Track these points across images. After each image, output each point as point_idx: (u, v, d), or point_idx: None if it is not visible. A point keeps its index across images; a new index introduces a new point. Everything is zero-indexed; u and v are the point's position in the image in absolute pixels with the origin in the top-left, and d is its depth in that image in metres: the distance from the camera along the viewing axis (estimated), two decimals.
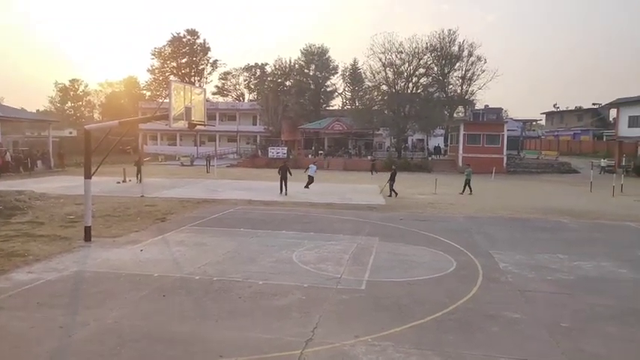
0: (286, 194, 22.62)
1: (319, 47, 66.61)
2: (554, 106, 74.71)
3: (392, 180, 23.42)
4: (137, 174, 27.67)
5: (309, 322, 6.81)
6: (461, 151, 45.21)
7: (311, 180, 25.46)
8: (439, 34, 52.44)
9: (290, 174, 23.67)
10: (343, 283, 8.82)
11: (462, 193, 24.67)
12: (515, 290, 8.63)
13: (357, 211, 18.32)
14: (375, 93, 53.11)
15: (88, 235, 11.96)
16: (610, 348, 6.22)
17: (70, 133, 59.63)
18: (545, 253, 11.49)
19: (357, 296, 8.09)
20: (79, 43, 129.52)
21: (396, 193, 23.13)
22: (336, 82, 69.18)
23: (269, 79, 74.17)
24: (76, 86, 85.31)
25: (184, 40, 77.53)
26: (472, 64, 53.83)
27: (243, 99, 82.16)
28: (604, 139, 59.76)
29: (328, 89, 69.13)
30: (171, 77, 74.81)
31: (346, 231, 13.88)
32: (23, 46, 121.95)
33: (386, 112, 51.83)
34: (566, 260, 10.89)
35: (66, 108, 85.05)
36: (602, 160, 44.64)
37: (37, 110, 78.87)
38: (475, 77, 54.59)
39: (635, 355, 6.07)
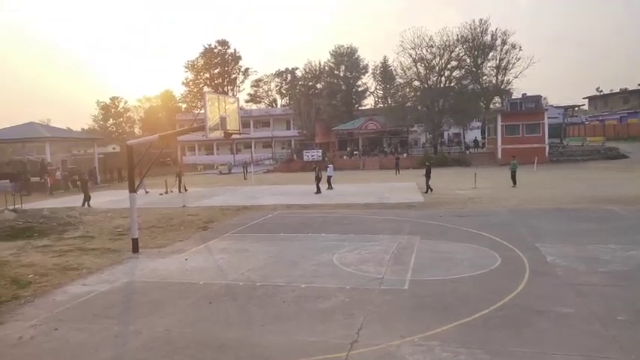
0: (319, 192, 24.29)
1: (348, 47, 66.47)
2: (597, 89, 71.69)
3: (427, 176, 23.17)
4: (179, 185, 28.44)
5: (354, 324, 6.82)
6: (500, 143, 44.03)
7: (329, 180, 26.33)
8: (470, 25, 51.44)
9: (319, 176, 25.27)
10: (386, 283, 8.78)
11: (514, 186, 23.94)
12: (566, 284, 8.34)
13: (395, 210, 18.18)
14: (407, 89, 52.49)
15: (135, 247, 12.42)
16: None
17: (114, 148, 61.96)
18: (596, 244, 11.04)
19: (401, 296, 8.04)
20: (116, 61, 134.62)
21: (431, 189, 22.87)
22: (367, 81, 68.84)
23: (300, 83, 74.72)
24: (117, 103, 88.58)
25: (215, 50, 79.13)
26: (506, 52, 52.51)
27: (276, 104, 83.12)
28: None
29: (359, 89, 68.83)
30: (205, 88, 76.60)
31: (386, 231, 13.80)
32: (63, 68, 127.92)
33: (419, 107, 51.12)
34: (618, 250, 10.43)
35: (108, 125, 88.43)
36: None
37: (82, 129, 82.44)
38: (510, 66, 53.21)
39: None
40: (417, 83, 50.93)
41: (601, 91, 71.17)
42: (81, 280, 9.90)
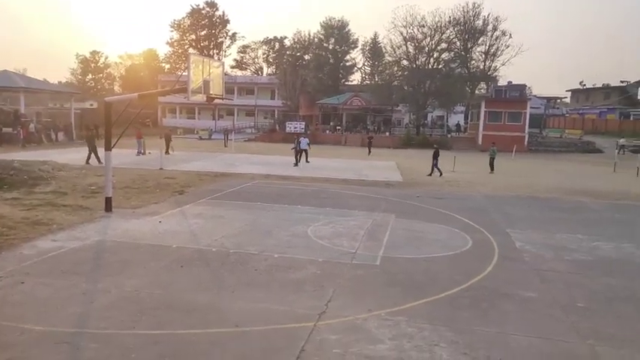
0: (297, 164, 24.61)
1: (339, 20, 65.45)
2: (581, 83, 72.66)
3: (435, 159, 22.59)
4: (166, 146, 28.13)
5: (323, 296, 6.91)
6: (481, 129, 44.49)
7: (305, 153, 26.28)
8: (463, 8, 51.20)
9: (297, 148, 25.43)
10: (358, 258, 8.88)
11: (491, 172, 24.35)
12: (532, 269, 8.58)
13: (373, 187, 18.29)
14: (395, 68, 52.29)
15: (108, 206, 12.23)
16: (626, 329, 6.18)
17: (91, 105, 60.32)
18: (564, 233, 11.36)
19: (372, 272, 8.16)
20: (99, 14, 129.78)
21: (440, 173, 22.27)
22: (356, 56, 68.31)
23: (288, 52, 73.53)
24: (97, 58, 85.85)
25: (203, 12, 76.99)
26: (496, 38, 52.64)
27: (262, 73, 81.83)
28: (631, 118, 58.01)
29: (347, 64, 68.23)
30: (190, 50, 74.71)
31: (362, 207, 13.90)
32: (43, 17, 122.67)
33: (406, 87, 51.09)
34: (585, 241, 10.75)
35: (87, 80, 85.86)
36: (621, 139, 42.87)
37: (59, 82, 79.82)
38: (499, 53, 53.45)
39: None
40: (405, 62, 50.78)
41: (584, 85, 72.17)
42: (50, 236, 9.72)
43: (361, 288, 7.37)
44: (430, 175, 22.24)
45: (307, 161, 25.81)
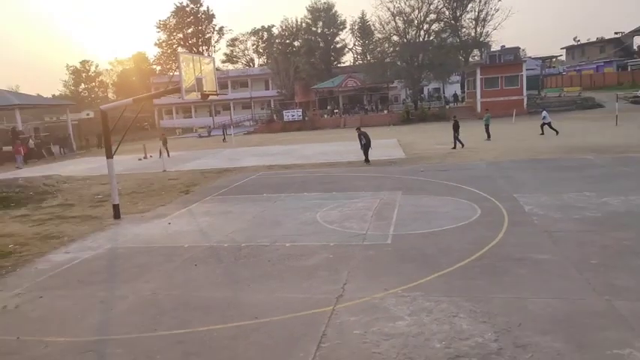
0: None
1: (325, 2, 64.68)
2: (575, 39, 71.76)
3: (456, 131, 22.21)
4: (163, 150, 27.92)
5: (339, 280, 6.95)
6: (479, 96, 44.17)
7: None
8: None
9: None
10: (369, 239, 8.91)
11: (488, 139, 24.25)
12: (542, 232, 8.58)
13: (377, 167, 18.27)
14: (386, 45, 51.69)
15: (117, 213, 12.30)
16: None
17: (88, 114, 60.31)
18: (571, 192, 11.33)
19: (384, 251, 8.19)
20: (85, 23, 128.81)
21: (462, 144, 21.88)
22: (346, 37, 67.64)
23: (277, 41, 72.79)
24: (87, 67, 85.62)
25: (188, 9, 76.20)
26: (485, 3, 51.90)
27: (254, 64, 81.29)
28: (629, 70, 57.33)
29: (338, 46, 67.49)
30: (179, 49, 74.16)
31: (368, 188, 13.90)
32: (29, 32, 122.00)
33: (399, 63, 50.58)
34: (593, 197, 10.73)
35: (80, 90, 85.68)
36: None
37: (53, 95, 79.73)
38: (489, 17, 52.77)
39: None
40: (395, 38, 50.20)
41: (578, 40, 71.27)
42: (63, 248, 9.81)
43: (375, 268, 7.41)
44: (454, 148, 21.86)
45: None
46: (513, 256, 7.39)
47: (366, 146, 19.70)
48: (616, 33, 63.53)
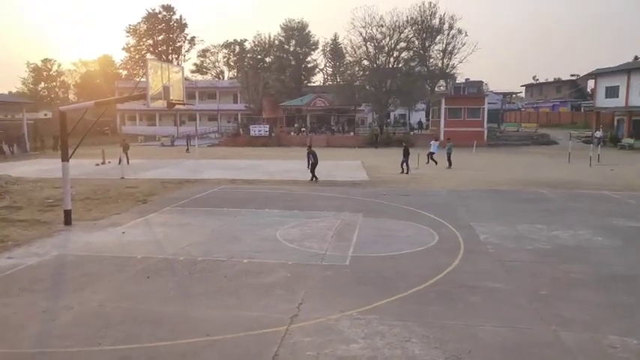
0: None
1: (299, 22, 65.57)
2: (534, 78, 75.55)
3: (405, 157, 22.86)
4: (124, 155, 27.01)
5: (295, 299, 6.88)
6: (443, 126, 45.45)
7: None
8: (420, 7, 52.25)
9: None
10: (328, 259, 8.90)
11: (449, 167, 24.99)
12: (496, 261, 8.83)
13: (340, 187, 18.39)
14: (357, 68, 52.75)
15: (68, 219, 11.80)
16: (586, 312, 6.45)
17: (45, 115, 58.04)
18: (525, 224, 11.75)
19: (342, 272, 8.19)
20: (49, 19, 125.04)
21: (408, 170, 22.67)
22: (317, 57, 68.44)
23: (249, 55, 72.97)
24: (49, 66, 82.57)
25: (160, 16, 75.41)
26: (453, 37, 53.89)
27: (223, 77, 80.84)
28: (582, 110, 60.66)
29: (309, 65, 68.32)
30: (148, 55, 73.01)
31: (330, 207, 13.94)
32: None
33: (368, 87, 51.59)
34: (544, 230, 11.16)
35: (39, 89, 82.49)
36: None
37: (9, 92, 76.37)
38: (456, 51, 54.69)
39: (610, 317, 6.29)
40: (366, 62, 51.31)
41: (537, 79, 75.05)
42: (6, 253, 9.28)
43: (332, 289, 7.39)
44: (402, 172, 22.63)
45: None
46: (467, 284, 7.54)
47: (313, 165, 20.35)
48: (572, 75, 67.25)
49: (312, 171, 20.27)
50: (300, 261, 8.72)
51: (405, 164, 22.90)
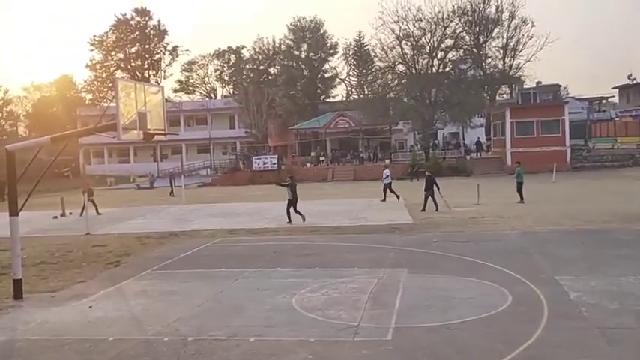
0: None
1: (311, 20, 66.86)
2: (629, 77, 74.87)
3: (430, 189, 23.54)
4: (85, 205, 27.45)
5: None
6: (509, 146, 45.26)
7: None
8: None
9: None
10: (362, 333, 8.81)
11: (521, 202, 24.80)
12: (594, 328, 8.60)
13: (375, 234, 18.34)
14: (390, 76, 53.35)
15: (18, 292, 11.96)
16: None
17: None
18: (630, 276, 11.46)
19: (382, 349, 8.08)
20: None
21: (437, 207, 23.37)
22: (337, 64, 69.36)
23: (248, 66, 74.64)
24: None
25: (133, 22, 78.27)
26: (515, 28, 54.30)
27: (215, 95, 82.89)
28: None
29: (327, 75, 69.17)
30: (118, 73, 75.52)
31: (363, 262, 13.89)
32: None
33: (405, 99, 52.11)
34: None
35: None
36: None
37: None
38: (521, 46, 54.99)
39: None
40: (401, 67, 51.95)
41: (634, 79, 74.39)
42: None
43: None
44: (422, 210, 23.26)
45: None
46: None
47: (290, 202, 20.90)
48: None
49: (287, 211, 20.88)
50: (325, 337, 8.65)
51: (429, 198, 23.43)
